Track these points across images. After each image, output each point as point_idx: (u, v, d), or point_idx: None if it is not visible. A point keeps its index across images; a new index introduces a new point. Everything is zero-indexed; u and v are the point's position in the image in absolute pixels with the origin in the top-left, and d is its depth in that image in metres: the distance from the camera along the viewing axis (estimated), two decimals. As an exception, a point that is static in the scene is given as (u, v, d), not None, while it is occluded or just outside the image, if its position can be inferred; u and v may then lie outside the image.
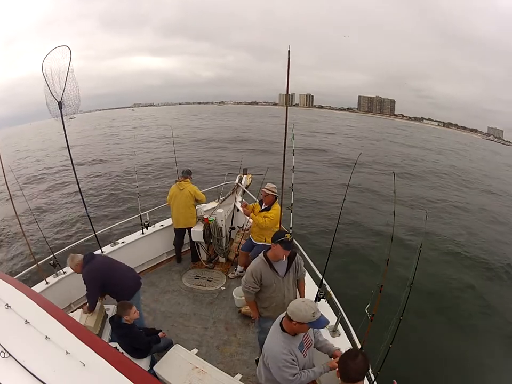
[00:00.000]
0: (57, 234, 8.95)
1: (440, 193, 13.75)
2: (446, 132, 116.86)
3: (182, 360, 2.80)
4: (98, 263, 3.21)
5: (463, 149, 40.21)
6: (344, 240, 7.82)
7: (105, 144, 26.35)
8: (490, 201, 13.58)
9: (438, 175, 17.89)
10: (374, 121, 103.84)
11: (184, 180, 4.70)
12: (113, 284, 3.17)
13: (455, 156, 29.28)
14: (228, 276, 4.58)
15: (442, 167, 20.40)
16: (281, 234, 2.64)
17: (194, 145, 23.11)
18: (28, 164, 20.10)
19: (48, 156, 22.65)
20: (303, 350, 2.09)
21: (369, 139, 34.38)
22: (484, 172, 22.38)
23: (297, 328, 1.99)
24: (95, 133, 36.98)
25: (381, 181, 13.84)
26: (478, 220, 10.91)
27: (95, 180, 14.58)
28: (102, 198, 11.96)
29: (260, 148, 21.75)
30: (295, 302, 2.03)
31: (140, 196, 5.46)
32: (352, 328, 2.79)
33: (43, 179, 15.73)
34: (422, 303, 5.43)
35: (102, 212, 10.53)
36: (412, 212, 10.13)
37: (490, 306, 6.03)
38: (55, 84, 3.41)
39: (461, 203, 12.59)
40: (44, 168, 18.33)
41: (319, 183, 13.74)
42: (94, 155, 20.13)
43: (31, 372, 1.46)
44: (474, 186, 16.54)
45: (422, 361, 4.56)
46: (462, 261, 7.66)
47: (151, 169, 15.46)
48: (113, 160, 19.04)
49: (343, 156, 19.81)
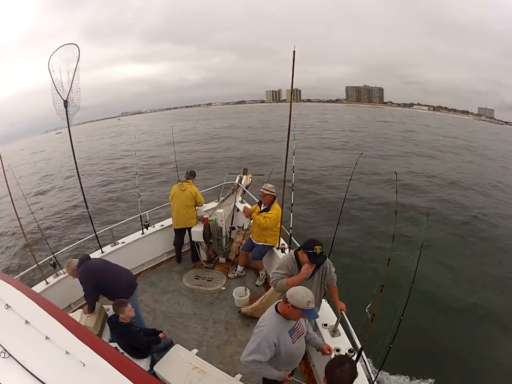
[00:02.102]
0: (57, 235, 8.95)
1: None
2: (446, 117, 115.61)
3: (182, 360, 2.80)
4: (93, 264, 3.23)
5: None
6: (344, 240, 7.81)
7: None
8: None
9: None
10: (364, 111, 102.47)
11: (186, 180, 4.70)
12: (107, 285, 3.15)
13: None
14: (228, 276, 4.57)
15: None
16: (311, 244, 2.56)
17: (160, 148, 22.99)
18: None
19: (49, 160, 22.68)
20: (292, 335, 2.14)
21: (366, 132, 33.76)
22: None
23: (289, 312, 2.05)
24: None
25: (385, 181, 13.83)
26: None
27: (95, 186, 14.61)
28: (102, 198, 11.96)
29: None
30: (297, 287, 2.10)
31: (140, 196, 5.46)
32: (353, 328, 2.79)
33: (42, 179, 15.74)
34: (422, 303, 5.43)
35: (102, 212, 10.54)
36: (414, 212, 10.13)
37: (492, 306, 6.02)
38: (63, 82, 3.39)
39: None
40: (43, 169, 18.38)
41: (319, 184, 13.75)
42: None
43: (31, 372, 1.46)
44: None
45: (423, 361, 4.57)
46: (462, 260, 7.67)
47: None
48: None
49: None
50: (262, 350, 2.01)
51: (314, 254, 2.53)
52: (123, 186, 13.22)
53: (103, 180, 15.37)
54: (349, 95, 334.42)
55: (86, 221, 4.58)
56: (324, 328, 2.88)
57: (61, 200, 12.34)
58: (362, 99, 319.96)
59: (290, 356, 2.16)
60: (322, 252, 2.59)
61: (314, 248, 2.53)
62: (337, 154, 20.17)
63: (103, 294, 3.38)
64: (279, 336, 2.05)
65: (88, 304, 3.19)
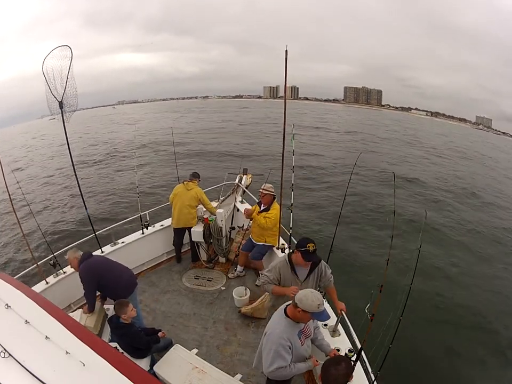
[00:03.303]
0: (57, 234, 8.94)
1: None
2: (445, 124, 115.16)
3: (182, 360, 2.80)
4: (94, 261, 3.22)
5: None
6: (344, 240, 7.82)
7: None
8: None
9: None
10: (363, 112, 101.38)
11: (191, 181, 4.71)
12: (108, 283, 3.16)
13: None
14: (227, 276, 4.58)
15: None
16: (304, 242, 2.59)
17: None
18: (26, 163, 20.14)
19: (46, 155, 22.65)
20: (301, 338, 2.15)
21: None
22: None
23: (300, 316, 2.05)
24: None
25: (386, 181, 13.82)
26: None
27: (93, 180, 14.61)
28: (102, 199, 11.96)
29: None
30: (305, 291, 2.10)
31: (139, 196, 5.46)
32: (352, 328, 2.79)
33: (43, 179, 15.74)
34: (422, 303, 5.44)
35: (102, 212, 10.53)
36: (413, 210, 10.14)
37: (493, 305, 6.03)
38: (56, 84, 3.40)
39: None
40: (41, 167, 18.38)
41: (320, 182, 13.75)
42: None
43: (31, 372, 1.46)
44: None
45: (422, 361, 4.57)
46: (462, 259, 7.67)
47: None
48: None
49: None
50: (281, 355, 2.02)
51: (308, 251, 2.56)
52: (123, 187, 13.20)
53: (103, 180, 15.35)
54: (347, 95, 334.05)
55: (86, 221, 4.57)
56: (324, 328, 2.88)
57: (61, 200, 12.33)
58: (360, 100, 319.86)
59: (299, 357, 2.18)
60: (316, 250, 2.61)
61: (307, 245, 2.56)
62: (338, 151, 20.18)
63: (103, 293, 3.37)
64: (290, 339, 2.06)
65: (88, 303, 3.19)
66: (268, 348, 2.07)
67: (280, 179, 3.54)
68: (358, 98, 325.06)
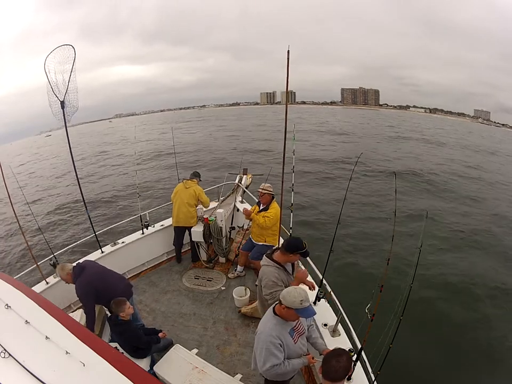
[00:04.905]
0: (57, 234, 8.95)
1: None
2: (444, 120, 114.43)
3: (182, 360, 2.81)
4: (89, 275, 3.09)
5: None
6: (344, 240, 7.81)
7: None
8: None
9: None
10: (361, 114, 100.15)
11: (191, 179, 4.72)
12: (104, 295, 3.06)
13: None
14: (227, 276, 4.58)
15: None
16: (300, 244, 2.57)
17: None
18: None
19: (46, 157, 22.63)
20: (293, 336, 2.14)
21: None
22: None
23: (285, 313, 2.05)
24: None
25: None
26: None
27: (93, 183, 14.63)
28: (102, 199, 11.97)
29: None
30: (289, 288, 2.11)
31: (140, 196, 5.46)
32: (352, 328, 2.79)
33: (42, 179, 15.74)
34: (422, 303, 5.43)
35: (102, 212, 10.54)
36: (413, 210, 10.13)
37: (497, 305, 6.02)
38: (58, 84, 3.39)
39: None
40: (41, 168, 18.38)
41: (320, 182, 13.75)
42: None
43: (31, 372, 1.46)
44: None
45: (423, 361, 4.56)
46: (462, 259, 7.66)
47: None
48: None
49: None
50: (272, 353, 2.02)
51: (306, 251, 2.59)
52: (123, 187, 13.23)
53: (103, 180, 15.41)
54: (344, 97, 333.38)
55: (86, 221, 4.58)
56: (324, 328, 2.88)
57: (61, 200, 12.35)
58: (358, 101, 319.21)
59: (294, 355, 2.17)
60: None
61: (303, 245, 2.58)
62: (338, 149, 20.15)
63: (98, 302, 3.25)
64: (280, 337, 2.05)
65: (88, 321, 3.04)
66: (260, 347, 2.06)
67: (281, 179, 3.53)
68: (355, 99, 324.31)
